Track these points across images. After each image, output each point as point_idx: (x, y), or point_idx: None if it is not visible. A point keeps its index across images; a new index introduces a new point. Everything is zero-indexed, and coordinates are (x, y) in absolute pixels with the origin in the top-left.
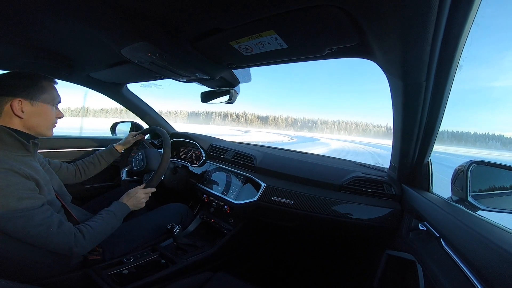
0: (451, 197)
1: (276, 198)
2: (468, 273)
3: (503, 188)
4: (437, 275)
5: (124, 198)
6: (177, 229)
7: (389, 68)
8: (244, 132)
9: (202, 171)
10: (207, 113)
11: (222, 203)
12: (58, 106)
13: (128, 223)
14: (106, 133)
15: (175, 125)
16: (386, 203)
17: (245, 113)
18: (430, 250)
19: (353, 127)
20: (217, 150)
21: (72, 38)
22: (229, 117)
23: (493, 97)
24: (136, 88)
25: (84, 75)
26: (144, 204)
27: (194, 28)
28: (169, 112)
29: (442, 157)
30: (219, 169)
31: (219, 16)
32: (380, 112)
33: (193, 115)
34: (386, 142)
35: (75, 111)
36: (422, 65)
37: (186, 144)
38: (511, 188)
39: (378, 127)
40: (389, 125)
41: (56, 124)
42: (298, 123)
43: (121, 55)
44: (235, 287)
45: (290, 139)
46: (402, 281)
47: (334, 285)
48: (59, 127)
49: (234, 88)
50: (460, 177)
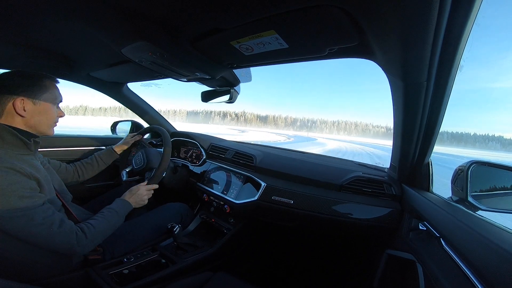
0: (451, 197)
1: (276, 198)
2: (468, 273)
3: (503, 189)
4: (437, 275)
5: (127, 195)
6: (177, 229)
7: (390, 68)
8: (241, 131)
9: (202, 171)
10: (206, 112)
11: (222, 203)
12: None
13: (128, 223)
14: (106, 133)
15: (174, 124)
16: (386, 203)
17: (244, 113)
18: (430, 250)
19: (353, 127)
20: (218, 150)
21: (72, 38)
22: (228, 117)
23: (493, 97)
24: (137, 87)
25: (85, 75)
26: (147, 201)
27: (195, 28)
28: (168, 111)
29: (443, 158)
30: (219, 169)
31: (219, 16)
32: (380, 112)
33: (192, 114)
34: (386, 143)
35: (74, 110)
36: (423, 65)
37: (186, 143)
38: (511, 189)
39: (378, 128)
40: (389, 126)
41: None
42: (298, 123)
43: (122, 55)
44: (235, 287)
45: (287, 139)
46: (402, 281)
47: (334, 285)
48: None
49: (235, 88)
50: (460, 177)
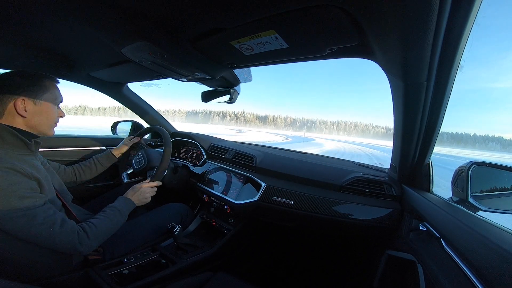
0: (452, 198)
1: (277, 198)
2: (469, 273)
3: (504, 189)
4: (438, 275)
5: (129, 193)
6: (177, 229)
7: (390, 68)
8: (239, 131)
9: (203, 171)
10: (206, 112)
11: (223, 203)
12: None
13: (129, 223)
14: (105, 133)
15: (173, 124)
16: (386, 204)
17: (244, 113)
18: (431, 250)
19: (352, 128)
20: (218, 150)
21: (72, 38)
22: (228, 117)
23: (493, 98)
24: (137, 87)
25: (85, 75)
26: (150, 199)
27: (195, 28)
28: (168, 111)
29: (443, 159)
30: (220, 169)
31: (220, 16)
32: (380, 112)
33: (192, 114)
34: (386, 143)
35: (73, 109)
36: (423, 65)
37: (187, 144)
38: None
39: (378, 128)
40: (389, 126)
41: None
42: (297, 123)
43: (122, 55)
44: (235, 287)
45: (285, 139)
46: (402, 281)
47: (334, 285)
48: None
49: (235, 88)
50: (461, 178)
